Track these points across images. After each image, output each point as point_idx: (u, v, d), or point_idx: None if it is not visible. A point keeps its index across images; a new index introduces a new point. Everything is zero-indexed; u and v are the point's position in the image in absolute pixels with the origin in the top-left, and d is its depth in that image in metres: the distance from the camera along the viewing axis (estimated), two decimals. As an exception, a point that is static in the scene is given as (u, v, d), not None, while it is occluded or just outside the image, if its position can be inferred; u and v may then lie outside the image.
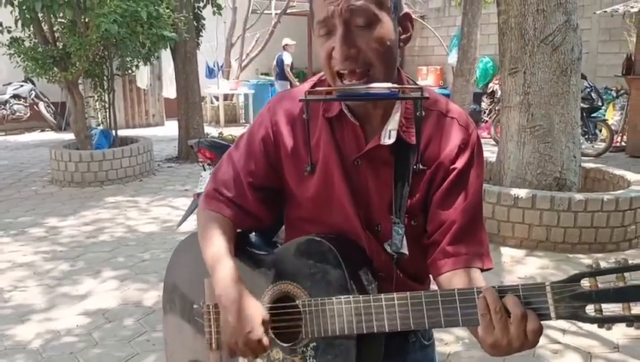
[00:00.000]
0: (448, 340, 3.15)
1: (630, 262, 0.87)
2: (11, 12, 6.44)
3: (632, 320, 0.87)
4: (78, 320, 3.41)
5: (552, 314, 0.92)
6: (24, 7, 6.18)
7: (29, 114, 11.40)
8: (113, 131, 7.77)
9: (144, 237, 4.98)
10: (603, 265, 0.92)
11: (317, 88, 1.16)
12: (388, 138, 1.14)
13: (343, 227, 1.18)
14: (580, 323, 3.23)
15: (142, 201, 6.23)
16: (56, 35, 6.94)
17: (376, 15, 1.06)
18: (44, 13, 6.50)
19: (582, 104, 8.13)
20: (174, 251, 1.41)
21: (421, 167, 1.15)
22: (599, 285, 0.89)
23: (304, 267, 1.15)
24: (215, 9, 8.51)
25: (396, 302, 1.03)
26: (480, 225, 1.18)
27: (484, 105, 11.05)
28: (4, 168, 8.06)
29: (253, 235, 1.34)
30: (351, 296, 1.07)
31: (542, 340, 3.05)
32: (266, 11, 13.22)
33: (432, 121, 1.17)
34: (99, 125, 9.15)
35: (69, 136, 8.33)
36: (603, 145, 8.64)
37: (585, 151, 8.36)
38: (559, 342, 3.12)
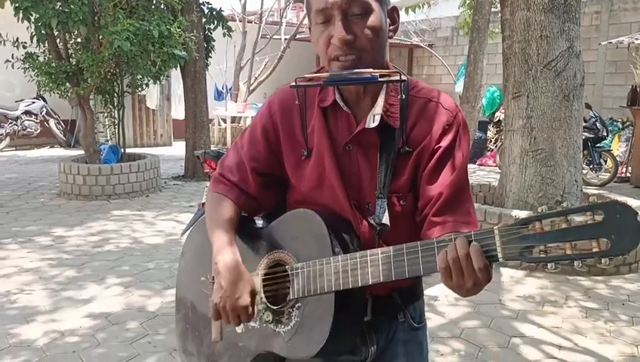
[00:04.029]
0: (444, 351, 3.18)
1: (571, 205, 0.95)
2: (27, 28, 6.63)
3: (573, 259, 0.94)
4: (82, 322, 3.47)
5: (500, 255, 1.00)
6: (40, 24, 6.37)
7: (39, 130, 11.58)
8: (121, 148, 7.90)
9: (149, 248, 5.05)
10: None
11: (305, 75, 1.26)
12: (372, 122, 1.24)
13: (333, 206, 1.27)
14: (577, 340, 3.28)
15: (148, 215, 6.32)
16: (70, 51, 7.12)
17: (370, 5, 1.18)
18: (59, 30, 6.69)
19: (587, 133, 8.27)
20: (189, 234, 1.51)
21: (407, 148, 1.24)
22: (544, 228, 0.96)
23: (294, 236, 1.26)
24: (225, 31, 8.70)
25: (369, 258, 1.12)
26: (466, 198, 1.25)
27: (490, 133, 11.16)
28: (13, 181, 8.18)
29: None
30: (331, 257, 1.16)
31: (537, 354, 3.13)
32: (275, 36, 13.47)
33: (417, 106, 1.26)
34: (107, 141, 9.29)
35: (78, 152, 8.47)
36: (607, 175, 8.68)
37: (589, 181, 8.42)
38: (555, 357, 3.14)
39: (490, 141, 11.09)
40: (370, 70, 1.16)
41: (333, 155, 1.26)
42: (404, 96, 1.23)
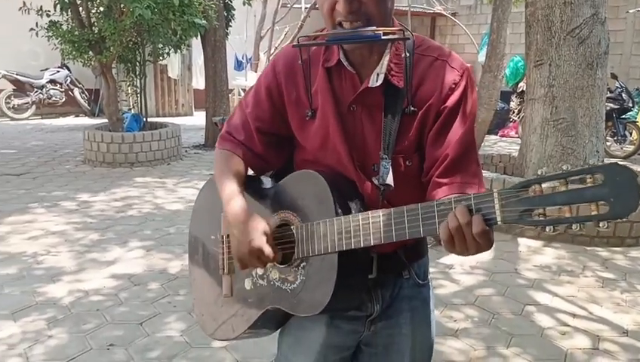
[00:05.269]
0: (458, 317, 3.23)
1: (572, 168, 0.93)
2: (51, -4, 6.70)
3: (571, 222, 0.93)
4: (106, 283, 3.60)
5: (498, 218, 0.99)
6: (63, -8, 6.43)
7: (64, 99, 11.73)
8: (144, 116, 8.00)
9: (170, 214, 5.17)
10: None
11: (308, 35, 1.24)
12: (376, 81, 1.22)
13: (337, 167, 1.28)
14: (592, 309, 3.30)
15: (169, 182, 6.44)
16: (92, 19, 7.18)
17: None
18: (82, -1, 6.75)
19: (612, 104, 8.11)
20: (199, 192, 1.54)
21: (412, 108, 1.22)
22: (544, 191, 0.95)
23: (299, 197, 1.27)
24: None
25: (370, 220, 1.13)
26: (472, 159, 1.23)
27: (512, 104, 10.98)
28: (39, 148, 8.35)
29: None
30: (334, 219, 1.18)
31: (551, 322, 3.16)
32: (295, 5, 13.34)
33: (423, 65, 1.24)
34: (130, 109, 9.40)
35: (102, 121, 8.60)
36: (632, 147, 8.52)
37: (613, 153, 8.30)
38: (568, 325, 3.17)
39: (513, 112, 10.94)
40: (373, 28, 1.14)
41: (337, 116, 1.25)
42: (408, 54, 1.21)
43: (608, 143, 8.37)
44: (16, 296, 3.38)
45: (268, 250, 1.22)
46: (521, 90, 10.80)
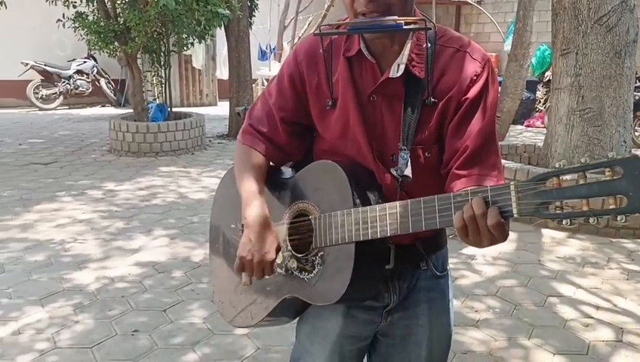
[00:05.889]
0: (479, 308, 3.22)
1: (590, 161, 0.92)
2: (77, -12, 6.79)
3: (589, 215, 0.92)
4: (131, 270, 3.68)
5: (514, 211, 0.99)
6: (89, -17, 6.51)
7: (90, 89, 11.90)
8: (168, 106, 8.08)
9: (194, 203, 5.23)
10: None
11: (330, 23, 1.24)
12: (396, 71, 1.22)
13: (356, 157, 1.28)
14: (616, 301, 3.25)
15: (193, 172, 6.51)
16: (118, 10, 7.26)
17: None
18: (108, -11, 6.82)
19: (641, 94, 7.93)
20: (220, 181, 1.56)
21: (432, 100, 1.22)
22: (562, 184, 0.94)
23: (317, 187, 1.28)
24: (270, -11, 8.66)
25: (387, 211, 1.14)
26: (492, 151, 1.22)
27: (539, 94, 10.80)
28: (66, 137, 8.51)
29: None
30: (352, 209, 1.19)
31: (574, 314, 3.13)
32: (320, -6, 13.28)
33: (445, 56, 1.23)
34: (155, 99, 9.50)
35: (128, 111, 8.72)
36: (663, 138, 8.34)
37: (643, 144, 8.13)
38: (591, 317, 3.14)
39: (539, 101, 10.76)
40: (395, 17, 1.13)
41: (357, 106, 1.25)
42: (429, 45, 1.20)
43: (637, 134, 8.20)
44: (44, 282, 3.47)
45: (273, 267, 1.29)
46: (547, 79, 10.61)
